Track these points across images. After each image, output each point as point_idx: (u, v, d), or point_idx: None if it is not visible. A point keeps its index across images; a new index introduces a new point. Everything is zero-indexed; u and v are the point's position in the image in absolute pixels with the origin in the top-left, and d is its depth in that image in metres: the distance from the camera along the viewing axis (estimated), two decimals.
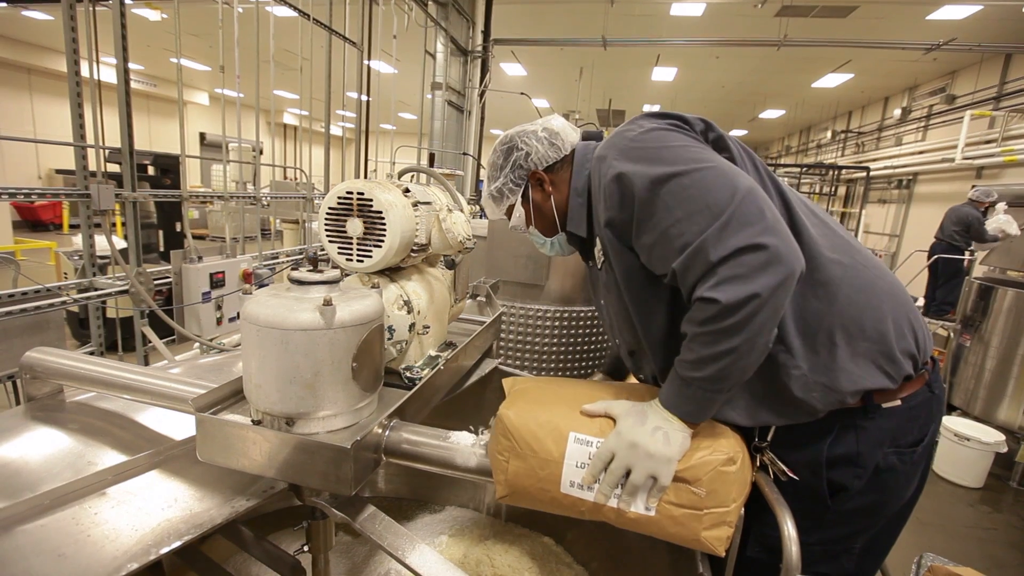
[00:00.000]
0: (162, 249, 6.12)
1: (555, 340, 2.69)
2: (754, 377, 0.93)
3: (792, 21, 7.48)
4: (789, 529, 0.79)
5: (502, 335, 2.62)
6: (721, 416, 0.97)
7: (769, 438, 1.01)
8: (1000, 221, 4.94)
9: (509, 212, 1.23)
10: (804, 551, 0.82)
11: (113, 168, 3.73)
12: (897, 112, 11.20)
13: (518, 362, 2.62)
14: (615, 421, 0.91)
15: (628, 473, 0.86)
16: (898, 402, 0.96)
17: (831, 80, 10.77)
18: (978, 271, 5.45)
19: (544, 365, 2.73)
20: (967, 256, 5.38)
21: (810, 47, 7.31)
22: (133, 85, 2.93)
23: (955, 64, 9.48)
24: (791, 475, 0.97)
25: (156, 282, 3.04)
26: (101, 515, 0.89)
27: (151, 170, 6.75)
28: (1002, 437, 3.36)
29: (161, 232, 6.28)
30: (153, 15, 8.44)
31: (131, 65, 2.89)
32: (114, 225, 6.07)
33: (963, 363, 3.98)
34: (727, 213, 0.82)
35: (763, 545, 1.03)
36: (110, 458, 1.04)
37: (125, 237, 3.08)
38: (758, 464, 1.00)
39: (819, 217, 1.03)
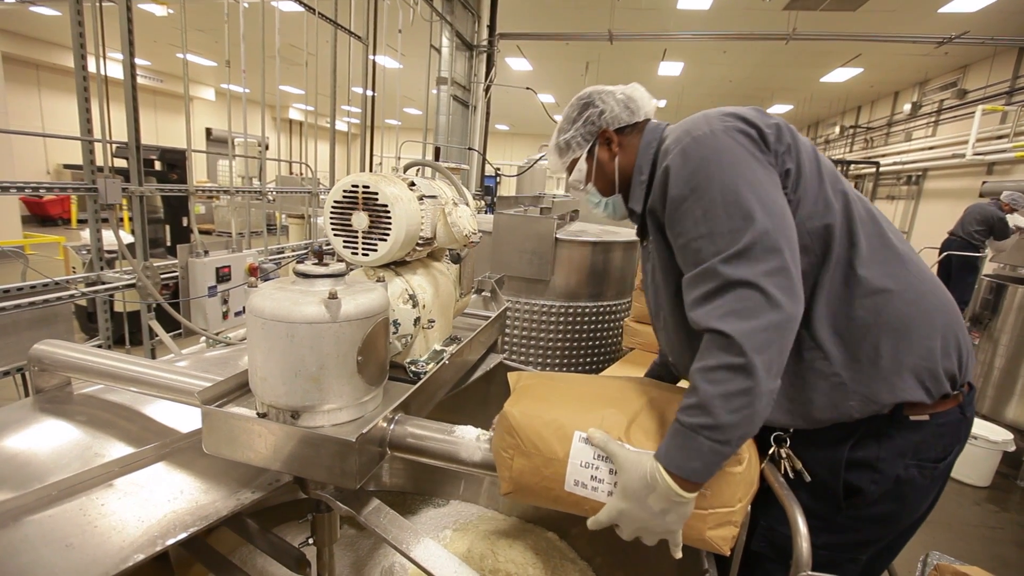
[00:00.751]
0: (169, 244, 6.15)
1: (560, 335, 2.69)
2: (789, 383, 0.94)
3: (801, 15, 7.39)
4: (800, 526, 0.78)
5: (507, 330, 2.61)
6: None
7: (791, 431, 1.00)
8: (1015, 218, 4.87)
9: (571, 167, 1.24)
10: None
11: (120, 163, 3.75)
12: (907, 107, 11.06)
13: (523, 357, 2.62)
14: (617, 469, 0.87)
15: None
16: (926, 417, 0.95)
17: (840, 74, 10.65)
18: (988, 268, 5.39)
19: (549, 360, 2.73)
20: (982, 253, 5.32)
21: (819, 41, 7.21)
22: (140, 80, 2.94)
23: (967, 58, 9.35)
24: (806, 475, 0.97)
25: (163, 276, 3.06)
26: (108, 506, 0.90)
27: (158, 165, 6.75)
28: (1010, 436, 3.33)
29: (168, 227, 6.30)
30: (159, 10, 8.45)
31: (138, 60, 2.90)
32: (121, 220, 6.10)
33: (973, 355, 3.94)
34: (742, 243, 0.84)
35: (768, 540, 1.03)
36: (117, 450, 1.05)
37: (132, 232, 3.10)
38: (773, 454, 0.99)
39: (879, 226, 1.01)
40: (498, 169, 7.64)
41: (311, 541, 1.16)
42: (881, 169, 11.22)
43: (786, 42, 6.78)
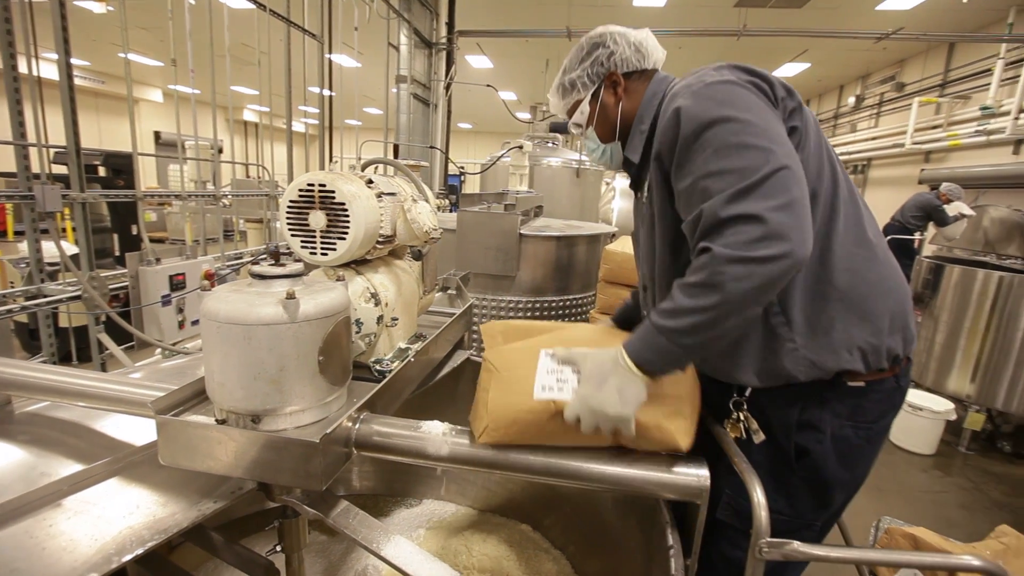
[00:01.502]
0: (117, 254, 5.85)
1: None
2: (751, 342, 1.00)
3: (751, 12, 7.65)
4: (758, 496, 0.82)
5: (475, 327, 2.61)
6: (710, 373, 1.07)
7: (747, 394, 1.06)
8: (957, 206, 5.14)
9: (573, 109, 1.20)
10: (771, 520, 0.85)
11: (60, 170, 3.55)
12: (851, 100, 11.61)
13: None
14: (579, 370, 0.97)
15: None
16: (863, 383, 1.02)
17: (789, 69, 11.07)
18: (927, 250, 5.73)
19: None
20: (917, 237, 5.66)
21: (768, 37, 7.49)
22: (79, 82, 2.79)
23: (903, 53, 9.88)
24: (760, 436, 1.03)
25: (111, 287, 2.91)
26: (57, 527, 0.86)
27: (102, 171, 6.40)
28: (952, 406, 3.56)
29: (116, 236, 5.99)
30: (97, 7, 8.01)
31: (75, 60, 2.75)
32: (64, 231, 5.77)
33: (916, 337, 4.18)
34: (754, 179, 0.83)
35: (733, 509, 1.08)
36: (65, 468, 1.00)
37: (76, 242, 2.94)
38: (735, 418, 1.06)
39: (858, 208, 1.05)
40: (462, 168, 7.61)
41: (279, 548, 1.14)
42: None
43: (737, 38, 7.00)
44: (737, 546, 1.07)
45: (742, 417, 1.05)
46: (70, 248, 3.57)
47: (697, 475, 0.92)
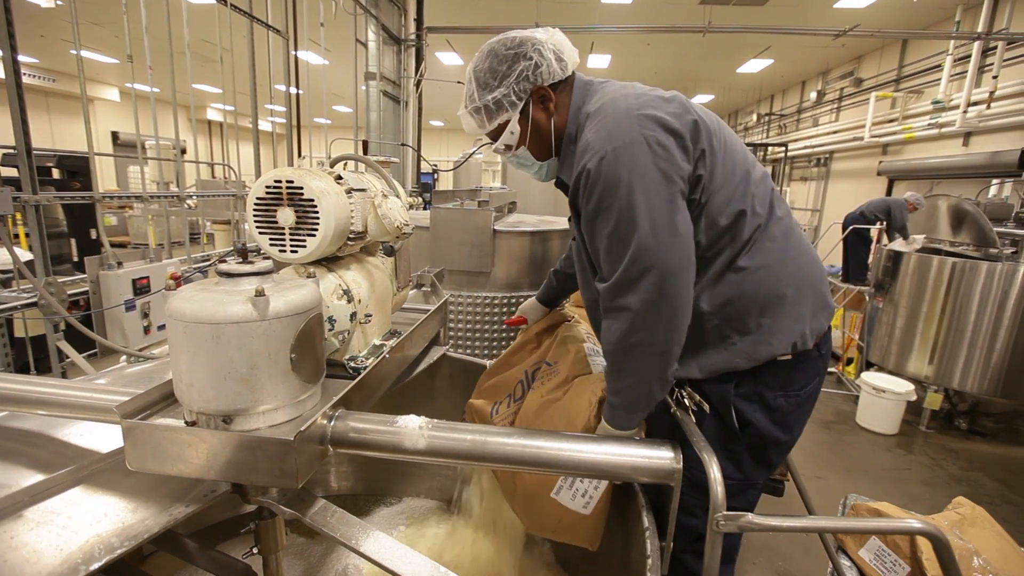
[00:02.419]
0: (76, 259, 5.59)
1: (505, 326, 2.71)
2: (695, 347, 1.08)
3: (715, 9, 7.82)
4: (714, 472, 0.85)
5: (451, 324, 2.61)
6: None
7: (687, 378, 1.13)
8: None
9: (499, 130, 1.12)
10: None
11: (10, 173, 3.38)
12: (813, 95, 11.98)
13: (468, 350, 2.63)
14: None
15: None
16: (789, 357, 1.09)
17: (754, 65, 11.36)
18: (886, 239, 5.97)
19: (495, 353, 2.75)
20: (876, 227, 5.90)
21: (732, 33, 7.67)
22: (28, 80, 2.66)
23: (860, 49, 10.24)
24: (706, 406, 1.09)
25: (71, 294, 2.80)
26: (18, 539, 0.83)
27: (56, 173, 6.10)
28: (912, 387, 3.73)
29: (73, 241, 5.72)
30: (45, 1, 7.64)
31: (22, 57, 2.62)
32: (16, 237, 5.50)
33: (877, 323, 4.36)
34: (629, 275, 0.97)
35: (685, 478, 1.12)
36: (25, 479, 0.96)
37: (30, 248, 2.81)
38: (676, 396, 1.12)
39: (774, 208, 1.11)
40: (435, 165, 7.55)
41: (256, 551, 1.12)
42: (793, 153, 12.09)
43: (703, 35, 7.13)
44: (691, 514, 1.13)
45: (685, 394, 1.11)
46: (24, 254, 3.41)
47: (670, 458, 0.94)
